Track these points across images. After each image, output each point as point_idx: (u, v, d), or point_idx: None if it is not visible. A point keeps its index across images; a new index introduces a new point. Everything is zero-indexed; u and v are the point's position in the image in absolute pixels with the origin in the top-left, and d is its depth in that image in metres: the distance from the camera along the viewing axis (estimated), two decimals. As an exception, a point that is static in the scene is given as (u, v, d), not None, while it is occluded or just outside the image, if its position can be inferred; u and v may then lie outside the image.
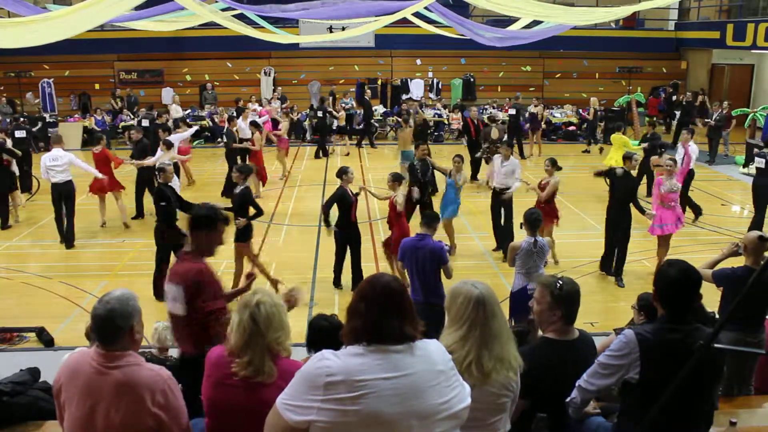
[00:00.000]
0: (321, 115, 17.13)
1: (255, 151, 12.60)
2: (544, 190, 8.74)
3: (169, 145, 11.04)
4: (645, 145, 12.35)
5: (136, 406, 2.54)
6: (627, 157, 8.68)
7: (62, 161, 9.57)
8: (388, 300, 2.21)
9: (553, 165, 8.86)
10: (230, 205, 7.88)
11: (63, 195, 9.69)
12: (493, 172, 9.85)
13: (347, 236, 8.14)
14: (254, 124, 13.14)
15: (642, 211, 8.33)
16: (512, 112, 16.82)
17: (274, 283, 7.77)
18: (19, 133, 12.56)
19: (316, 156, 16.89)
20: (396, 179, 8.07)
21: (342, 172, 8.10)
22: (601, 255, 8.87)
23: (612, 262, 8.69)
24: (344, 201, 7.96)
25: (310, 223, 11.05)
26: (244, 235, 7.84)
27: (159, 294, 7.92)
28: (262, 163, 12.97)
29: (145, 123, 14.68)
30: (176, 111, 17.87)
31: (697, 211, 11.24)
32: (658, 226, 8.40)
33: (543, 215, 7.97)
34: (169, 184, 8.05)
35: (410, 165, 9.83)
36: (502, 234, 9.45)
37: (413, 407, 2.11)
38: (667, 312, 2.87)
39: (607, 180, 8.81)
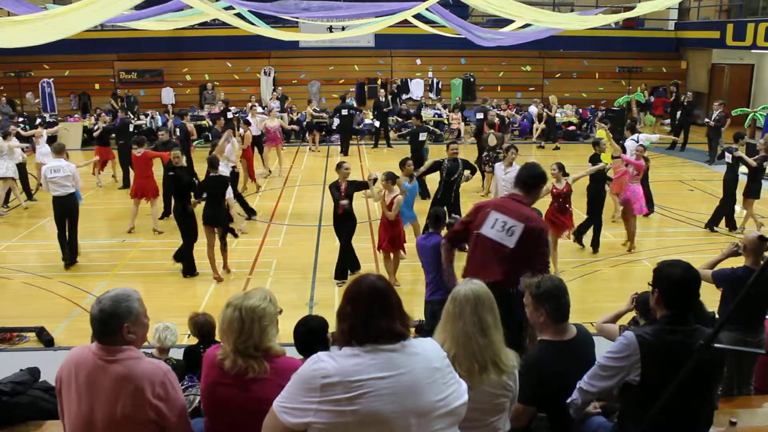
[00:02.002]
0: (345, 113, 17.19)
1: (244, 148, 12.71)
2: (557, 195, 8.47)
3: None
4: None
5: (137, 397, 2.56)
6: (595, 143, 9.93)
7: (63, 173, 8.77)
8: (374, 300, 2.20)
9: (560, 169, 8.55)
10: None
11: (65, 211, 8.90)
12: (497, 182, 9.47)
13: (335, 229, 8.41)
14: (245, 122, 13.27)
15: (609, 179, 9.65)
16: (480, 116, 15.69)
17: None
18: None
19: (344, 153, 17.04)
20: (389, 178, 8.05)
21: (337, 167, 8.44)
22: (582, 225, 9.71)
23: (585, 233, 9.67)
24: (333, 194, 8.26)
25: (310, 223, 11.05)
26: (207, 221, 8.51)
27: (189, 269, 8.69)
28: (251, 160, 13.04)
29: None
30: (220, 107, 17.91)
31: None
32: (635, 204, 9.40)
33: (560, 223, 8.44)
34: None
35: (435, 162, 9.72)
36: None
37: (411, 405, 2.11)
38: (669, 313, 2.86)
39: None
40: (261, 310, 2.76)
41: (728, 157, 10.49)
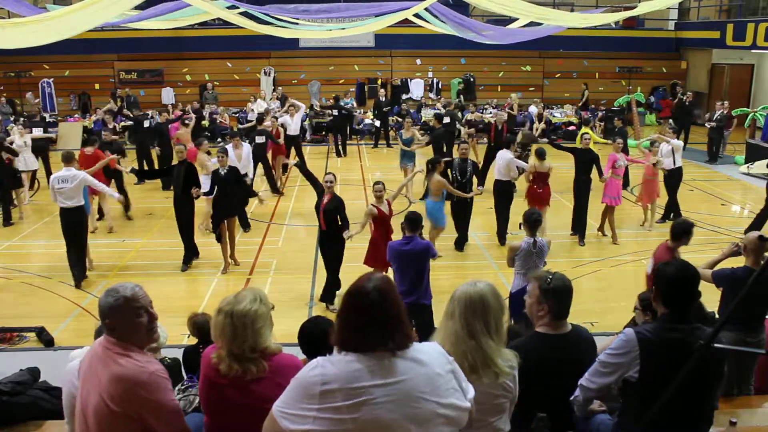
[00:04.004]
0: (337, 114, 17.13)
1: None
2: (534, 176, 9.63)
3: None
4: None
5: (120, 397, 2.57)
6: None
7: (72, 183, 8.13)
8: (374, 309, 2.13)
9: (538, 155, 9.61)
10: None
11: (72, 224, 8.27)
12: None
13: (321, 242, 7.95)
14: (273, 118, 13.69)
15: (600, 173, 9.76)
16: (446, 120, 14.87)
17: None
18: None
19: (338, 155, 16.93)
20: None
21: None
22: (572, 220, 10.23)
23: (580, 226, 10.06)
24: (317, 205, 7.63)
25: (310, 223, 11.04)
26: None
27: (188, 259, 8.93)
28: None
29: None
30: (260, 106, 17.93)
31: (676, 212, 10.92)
32: (606, 196, 9.89)
33: (539, 198, 9.55)
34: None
35: (445, 162, 9.79)
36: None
37: (411, 412, 2.08)
38: (668, 311, 2.88)
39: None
40: (253, 313, 2.73)
41: None
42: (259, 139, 12.31)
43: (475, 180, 9.82)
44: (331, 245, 7.61)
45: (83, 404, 2.68)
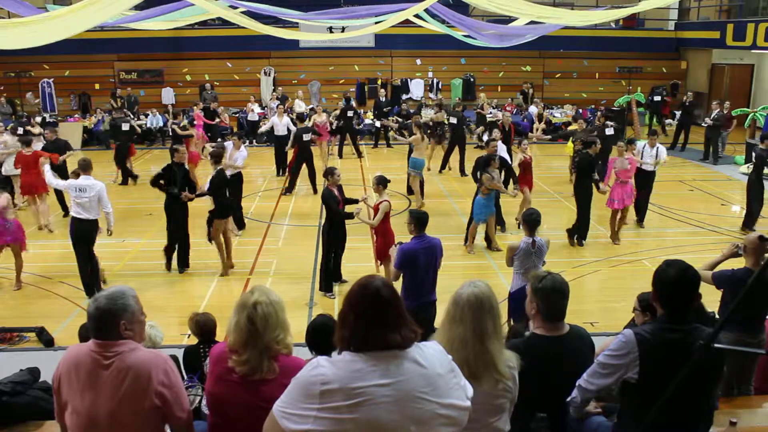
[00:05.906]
0: (350, 115, 17.01)
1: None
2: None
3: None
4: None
5: (141, 386, 2.60)
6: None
7: (92, 192, 7.70)
8: (377, 310, 2.13)
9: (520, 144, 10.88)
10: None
11: (84, 235, 7.84)
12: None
13: (335, 237, 7.98)
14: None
15: (597, 184, 9.67)
16: (453, 121, 14.94)
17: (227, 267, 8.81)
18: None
19: (339, 155, 16.75)
20: (381, 182, 7.69)
21: (328, 173, 7.85)
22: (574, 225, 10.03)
23: (579, 230, 9.94)
24: (334, 201, 7.76)
25: (310, 223, 11.04)
26: (223, 213, 8.70)
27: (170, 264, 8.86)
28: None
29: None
30: (299, 106, 17.80)
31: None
32: (612, 201, 9.81)
33: (524, 180, 10.50)
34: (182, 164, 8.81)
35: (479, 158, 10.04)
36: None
37: (410, 413, 2.07)
38: (667, 312, 2.87)
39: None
40: (281, 303, 2.83)
41: (754, 158, 10.54)
42: (306, 137, 12.70)
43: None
44: (339, 231, 7.99)
45: (90, 418, 2.63)
